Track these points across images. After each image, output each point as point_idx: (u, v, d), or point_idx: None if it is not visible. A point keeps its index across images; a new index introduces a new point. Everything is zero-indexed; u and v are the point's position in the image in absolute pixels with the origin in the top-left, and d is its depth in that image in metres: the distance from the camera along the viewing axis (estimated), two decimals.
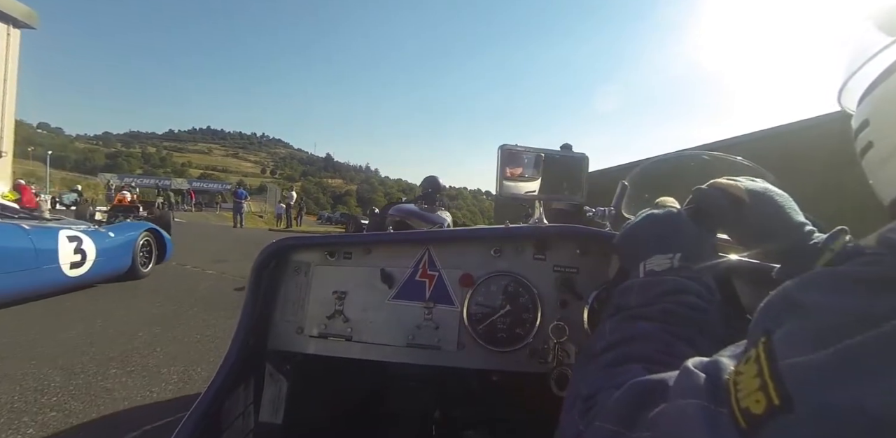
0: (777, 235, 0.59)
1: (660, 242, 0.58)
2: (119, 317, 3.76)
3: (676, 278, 0.53)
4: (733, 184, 0.62)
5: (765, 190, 0.61)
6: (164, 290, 4.96)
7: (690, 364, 0.36)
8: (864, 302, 0.27)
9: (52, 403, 2.22)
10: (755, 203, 0.60)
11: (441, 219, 3.86)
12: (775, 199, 0.60)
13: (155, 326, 3.57)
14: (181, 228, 12.04)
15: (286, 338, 0.94)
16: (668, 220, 0.62)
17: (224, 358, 0.87)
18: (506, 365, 0.92)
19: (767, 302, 0.33)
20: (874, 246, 0.32)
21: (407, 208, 4.01)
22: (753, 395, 0.27)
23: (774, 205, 0.60)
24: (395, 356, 0.92)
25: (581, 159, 1.00)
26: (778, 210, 0.60)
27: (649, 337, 0.47)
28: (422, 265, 0.94)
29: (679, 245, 0.57)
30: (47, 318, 3.58)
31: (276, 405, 1.00)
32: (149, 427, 2.04)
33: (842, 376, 0.24)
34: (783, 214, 0.60)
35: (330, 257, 0.96)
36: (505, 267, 0.94)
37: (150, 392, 2.42)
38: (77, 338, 3.15)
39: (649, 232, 0.62)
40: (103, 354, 2.90)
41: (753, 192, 0.60)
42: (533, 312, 0.92)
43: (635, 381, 0.40)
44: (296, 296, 0.95)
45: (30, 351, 2.84)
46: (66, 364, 2.69)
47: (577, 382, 0.49)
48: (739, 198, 0.60)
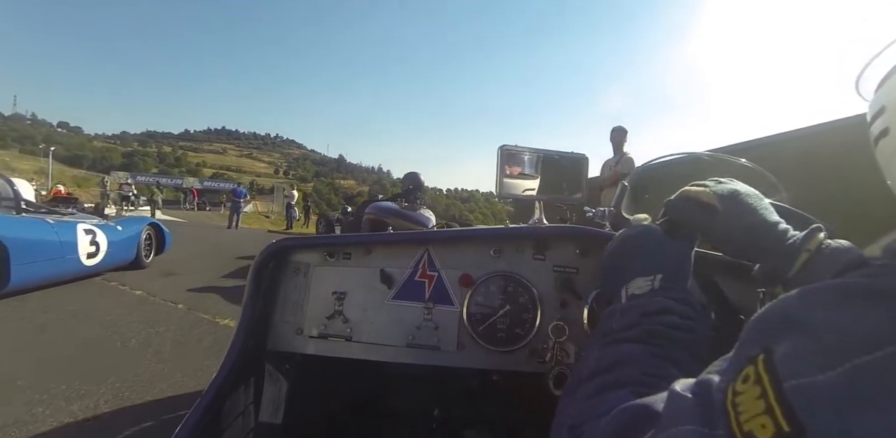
0: (752, 237, 0.58)
1: (638, 264, 0.58)
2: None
3: (658, 299, 0.52)
4: (701, 190, 0.61)
5: (733, 192, 0.60)
6: (42, 315, 3.52)
7: (678, 387, 0.34)
8: (872, 319, 0.25)
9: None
10: (726, 207, 0.58)
11: (425, 218, 3.58)
12: (747, 201, 0.59)
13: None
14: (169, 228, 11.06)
15: (286, 339, 0.94)
16: (644, 240, 0.61)
17: (224, 359, 0.87)
18: (505, 364, 0.92)
19: (763, 315, 0.31)
20: (881, 257, 0.30)
21: (386, 206, 3.68)
22: (758, 419, 0.26)
23: (746, 206, 0.59)
24: (395, 356, 0.92)
25: (581, 159, 1.00)
26: (750, 211, 0.59)
27: (635, 360, 0.46)
28: (421, 265, 0.94)
29: (658, 265, 0.57)
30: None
31: (275, 405, 1.00)
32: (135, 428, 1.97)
33: (853, 400, 0.23)
34: (756, 215, 0.58)
35: (329, 257, 0.96)
36: (504, 268, 0.94)
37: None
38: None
39: (626, 254, 0.61)
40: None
41: (723, 197, 0.59)
42: (532, 312, 0.92)
43: (622, 408, 0.38)
44: (295, 297, 0.95)
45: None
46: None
47: (564, 411, 0.47)
48: (710, 204, 0.59)
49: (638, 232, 0.63)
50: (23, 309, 3.60)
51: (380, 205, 3.84)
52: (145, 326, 3.39)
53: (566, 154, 1.00)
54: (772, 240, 0.56)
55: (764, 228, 0.57)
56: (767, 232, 0.57)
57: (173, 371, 2.57)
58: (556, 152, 0.99)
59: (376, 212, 3.58)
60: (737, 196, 0.59)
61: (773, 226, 0.57)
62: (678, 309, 0.50)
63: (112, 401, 2.19)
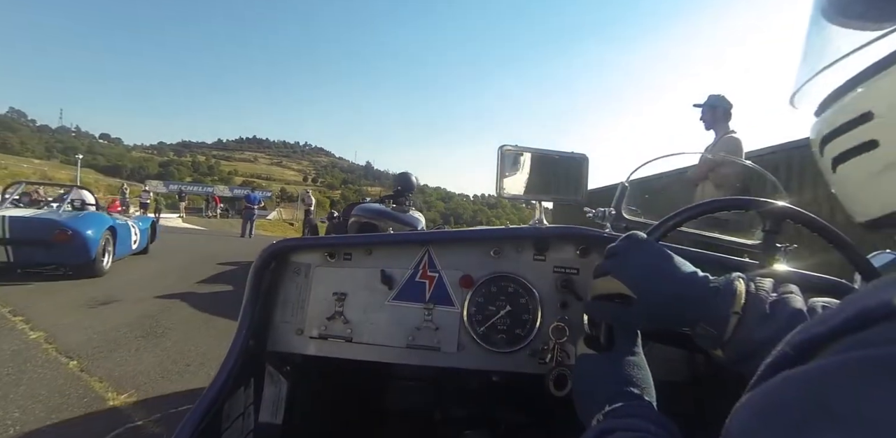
0: (678, 305, 0.54)
1: (594, 397, 0.55)
2: None
3: (619, 421, 0.49)
4: (608, 283, 0.58)
5: (638, 268, 0.56)
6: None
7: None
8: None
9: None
10: (639, 289, 0.55)
11: (414, 219, 3.56)
12: (655, 272, 0.56)
13: None
14: (174, 237, 10.59)
15: (286, 340, 0.95)
16: (589, 371, 0.58)
17: (224, 359, 0.87)
18: (505, 365, 0.91)
19: (787, 402, 0.23)
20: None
21: (374, 208, 3.69)
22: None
23: (657, 278, 0.55)
24: (395, 357, 0.92)
25: (581, 160, 0.99)
26: (664, 280, 0.55)
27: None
28: (422, 266, 0.95)
29: (607, 393, 0.53)
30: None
31: (276, 405, 1.00)
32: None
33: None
34: (671, 283, 0.54)
35: (330, 258, 0.96)
36: (505, 268, 0.94)
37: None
38: None
39: (582, 390, 0.58)
40: None
41: (630, 281, 0.56)
42: (533, 313, 0.91)
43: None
44: (296, 298, 0.96)
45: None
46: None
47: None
48: (624, 295, 0.56)
49: (582, 365, 0.60)
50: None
51: (367, 206, 3.82)
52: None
53: (566, 154, 1.00)
54: (697, 304, 0.53)
55: (685, 293, 0.54)
56: (690, 297, 0.53)
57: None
58: (556, 152, 0.99)
59: (364, 215, 3.54)
60: (644, 272, 0.56)
61: (692, 286, 0.54)
62: (636, 425, 0.47)
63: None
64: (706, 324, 0.52)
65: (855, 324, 0.24)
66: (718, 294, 0.52)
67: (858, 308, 0.24)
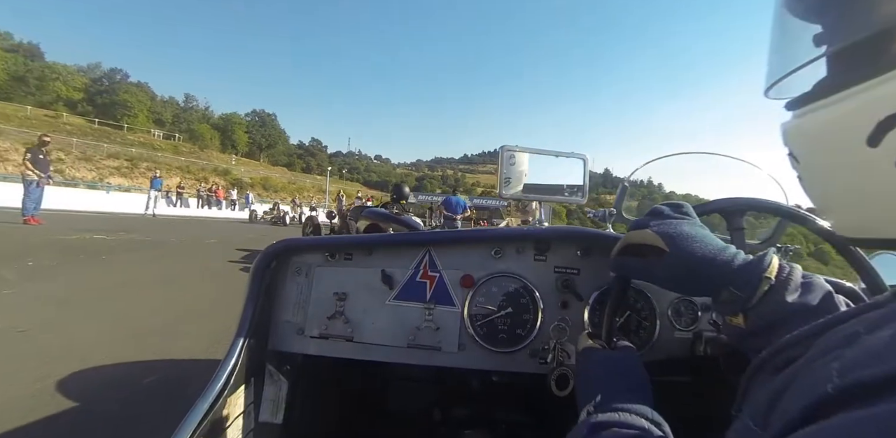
0: (706, 268, 0.55)
1: (590, 390, 0.56)
2: None
3: (614, 416, 0.50)
4: (646, 234, 0.59)
5: (677, 228, 0.58)
6: None
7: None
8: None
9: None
10: (674, 245, 0.56)
11: (416, 222, 3.92)
12: (691, 234, 0.57)
13: None
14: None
15: (287, 339, 0.95)
16: (592, 365, 0.59)
17: (224, 359, 0.86)
18: (506, 365, 0.91)
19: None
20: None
21: (381, 212, 4.09)
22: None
23: (692, 240, 0.56)
24: (396, 357, 0.92)
25: (581, 160, 0.99)
26: (698, 243, 0.56)
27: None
28: (423, 266, 0.95)
29: (605, 389, 0.54)
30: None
31: (276, 405, 1.00)
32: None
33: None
34: (706, 246, 0.56)
35: (331, 258, 0.96)
36: (505, 269, 0.94)
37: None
38: None
39: (582, 383, 0.59)
40: None
41: (666, 235, 0.57)
42: (533, 313, 0.91)
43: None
44: (296, 297, 0.95)
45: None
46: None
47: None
48: (657, 248, 0.57)
49: (583, 369, 0.61)
50: None
51: (375, 210, 4.25)
52: None
53: (567, 154, 0.99)
54: (726, 269, 0.54)
55: (716, 257, 0.55)
56: (720, 261, 0.54)
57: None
58: (556, 152, 0.99)
59: (373, 217, 3.90)
60: (681, 230, 0.57)
61: (723, 253, 0.55)
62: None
63: None
64: (734, 288, 0.53)
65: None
66: (751, 262, 0.53)
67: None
